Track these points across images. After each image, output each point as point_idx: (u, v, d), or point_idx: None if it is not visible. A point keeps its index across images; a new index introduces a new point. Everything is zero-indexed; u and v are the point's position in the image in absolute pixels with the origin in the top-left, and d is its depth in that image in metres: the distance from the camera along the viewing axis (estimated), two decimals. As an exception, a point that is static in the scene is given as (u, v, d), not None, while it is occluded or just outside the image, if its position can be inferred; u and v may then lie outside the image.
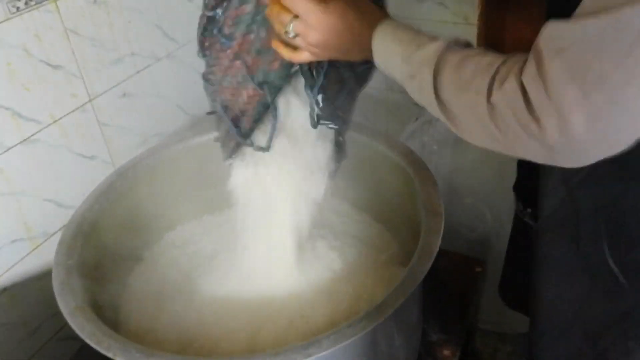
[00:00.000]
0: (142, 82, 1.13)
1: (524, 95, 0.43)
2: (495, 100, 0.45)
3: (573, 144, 0.42)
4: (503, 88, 0.45)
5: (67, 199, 1.01)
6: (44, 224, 0.98)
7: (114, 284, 0.88)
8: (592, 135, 0.41)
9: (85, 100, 1.02)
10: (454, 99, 0.50)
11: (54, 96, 0.95)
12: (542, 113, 0.42)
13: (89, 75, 1.01)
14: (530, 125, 0.43)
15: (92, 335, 0.67)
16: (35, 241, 0.98)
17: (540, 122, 0.42)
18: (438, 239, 0.74)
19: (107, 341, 0.66)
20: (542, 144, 0.43)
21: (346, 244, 0.93)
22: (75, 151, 1.02)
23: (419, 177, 0.86)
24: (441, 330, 0.97)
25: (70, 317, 0.70)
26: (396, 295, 0.68)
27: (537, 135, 0.43)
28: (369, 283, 0.86)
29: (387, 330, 0.74)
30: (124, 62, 1.08)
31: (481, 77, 0.47)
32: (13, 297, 0.95)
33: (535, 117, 0.42)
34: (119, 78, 1.08)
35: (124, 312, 0.87)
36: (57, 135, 0.97)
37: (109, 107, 1.07)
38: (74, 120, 1.00)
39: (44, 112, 0.94)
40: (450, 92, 0.51)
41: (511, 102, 0.44)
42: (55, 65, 0.94)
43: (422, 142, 1.23)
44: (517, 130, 0.44)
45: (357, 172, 1.02)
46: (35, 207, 0.96)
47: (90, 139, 1.04)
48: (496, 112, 0.46)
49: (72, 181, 1.01)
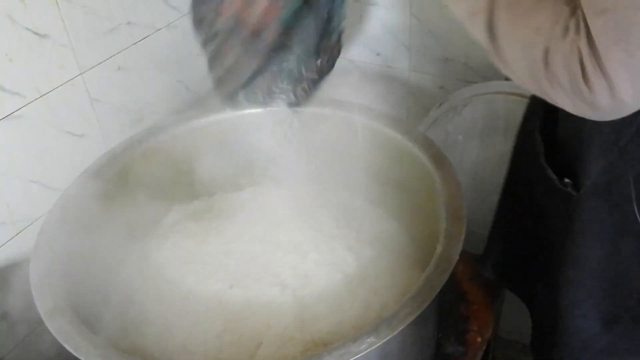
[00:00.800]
0: (139, 54, 1.10)
1: (580, 54, 0.45)
2: (553, 47, 0.47)
3: (621, 106, 0.46)
4: (564, 40, 0.46)
5: (55, 180, 0.99)
6: (29, 207, 0.97)
7: (99, 280, 0.86)
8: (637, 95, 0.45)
9: (76, 73, 0.99)
10: (508, 30, 0.52)
11: (40, 68, 0.92)
12: (592, 76, 0.45)
13: (79, 45, 0.98)
14: (580, 86, 0.46)
15: (70, 339, 0.65)
16: (19, 225, 0.96)
17: (590, 84, 0.45)
18: (459, 246, 0.71)
19: (86, 347, 0.64)
20: (590, 104, 0.47)
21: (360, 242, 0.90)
22: (64, 129, 0.99)
23: (440, 175, 0.83)
24: (457, 341, 0.94)
25: (48, 318, 0.68)
26: (409, 308, 0.65)
27: (587, 97, 0.47)
28: (380, 288, 0.83)
29: (397, 345, 0.71)
30: (119, 31, 1.05)
31: (542, 14, 0.49)
32: (-5, 284, 0.94)
33: (585, 79, 0.45)
34: (113, 50, 1.05)
35: (109, 312, 0.85)
36: (43, 111, 0.95)
37: (101, 82, 1.04)
38: (62, 95, 0.97)
39: (29, 85, 0.91)
40: (504, 20, 0.52)
41: (567, 58, 0.46)
42: (42, 34, 0.91)
43: (446, 131, 1.19)
44: (567, 87, 0.48)
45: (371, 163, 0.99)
46: (19, 189, 0.94)
47: (80, 116, 1.02)
48: (550, 59, 0.48)
49: (59, 161, 0.99)
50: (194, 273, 0.85)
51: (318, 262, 0.85)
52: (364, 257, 0.87)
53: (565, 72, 0.47)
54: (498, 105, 1.12)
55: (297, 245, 0.87)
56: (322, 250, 0.86)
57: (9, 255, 0.95)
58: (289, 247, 0.87)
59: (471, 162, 1.19)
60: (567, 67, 0.47)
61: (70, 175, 0.91)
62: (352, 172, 1.04)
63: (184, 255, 0.89)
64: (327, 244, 0.87)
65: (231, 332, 0.78)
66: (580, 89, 0.46)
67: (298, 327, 0.76)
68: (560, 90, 0.49)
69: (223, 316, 0.79)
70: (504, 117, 1.12)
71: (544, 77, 0.49)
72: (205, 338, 0.78)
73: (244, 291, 0.82)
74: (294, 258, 0.85)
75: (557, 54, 0.47)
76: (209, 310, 0.80)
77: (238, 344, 0.76)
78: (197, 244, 0.90)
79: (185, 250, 0.90)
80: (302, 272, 0.84)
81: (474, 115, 1.15)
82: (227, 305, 0.80)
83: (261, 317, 0.78)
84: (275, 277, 0.83)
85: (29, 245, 0.94)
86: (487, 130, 1.15)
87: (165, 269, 0.87)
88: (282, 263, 0.85)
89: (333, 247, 0.87)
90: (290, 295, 0.80)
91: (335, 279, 0.82)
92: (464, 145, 1.19)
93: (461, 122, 1.18)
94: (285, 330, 0.76)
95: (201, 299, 0.82)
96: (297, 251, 0.86)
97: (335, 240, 0.88)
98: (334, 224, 0.91)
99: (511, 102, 1.10)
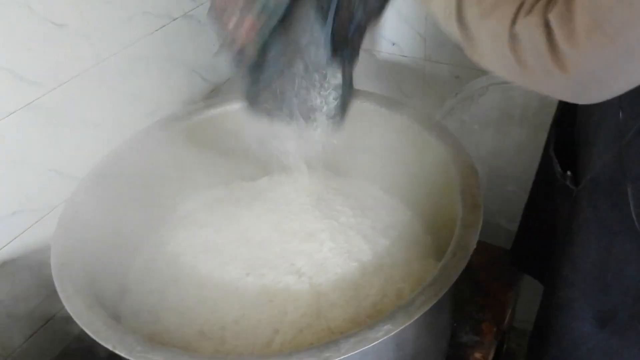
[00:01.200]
0: (155, 44, 1.10)
1: (547, 32, 0.44)
2: (518, 30, 0.47)
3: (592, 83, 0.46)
4: (527, 20, 0.46)
5: (72, 169, 1.00)
6: (47, 195, 0.97)
7: (117, 266, 0.87)
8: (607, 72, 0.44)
9: (92, 63, 0.99)
10: (477, 24, 0.52)
11: (58, 58, 0.93)
12: (565, 53, 0.44)
13: (97, 35, 0.98)
14: (549, 63, 0.45)
15: (90, 324, 0.66)
16: (37, 214, 0.97)
17: (561, 62, 0.44)
18: (476, 235, 0.71)
19: (106, 331, 0.65)
20: (560, 81, 0.46)
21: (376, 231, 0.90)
22: (81, 118, 1.00)
23: (457, 163, 0.83)
24: (473, 331, 0.94)
25: (68, 302, 0.69)
26: (426, 296, 0.65)
27: (557, 73, 0.45)
28: (396, 277, 0.83)
29: (413, 333, 0.71)
30: (136, 21, 1.05)
31: (506, 4, 0.48)
32: (12, 273, 0.95)
33: (557, 57, 0.44)
34: (130, 39, 1.05)
35: (128, 298, 0.86)
36: (61, 100, 0.95)
37: (118, 71, 1.04)
38: (79, 84, 0.97)
39: (47, 74, 0.92)
40: (473, 15, 0.52)
41: (534, 36, 0.45)
42: (60, 24, 0.92)
43: (462, 120, 1.19)
44: (536, 65, 0.47)
45: (387, 152, 0.99)
46: (37, 178, 0.95)
47: (97, 106, 1.02)
48: (517, 42, 0.47)
49: (76, 150, 1.00)
50: (211, 261, 0.86)
51: (334, 251, 0.85)
52: (379, 246, 0.87)
53: (530, 44, 0.46)
54: (514, 95, 1.11)
55: (313, 233, 0.87)
56: (337, 239, 0.86)
57: (27, 243, 0.96)
58: (305, 236, 0.87)
59: (487, 152, 1.18)
60: (533, 39, 0.46)
61: (87, 164, 0.92)
62: (368, 162, 1.04)
63: (200, 244, 0.90)
64: (342, 233, 0.87)
65: (248, 318, 0.78)
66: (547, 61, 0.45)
67: (314, 314, 0.77)
68: (529, 66, 0.47)
69: (240, 303, 0.80)
70: (520, 106, 1.12)
71: (510, 53, 0.48)
72: (222, 324, 0.78)
73: (260, 279, 0.82)
74: (309, 246, 0.85)
75: (521, 29, 0.47)
76: (226, 297, 0.81)
77: (255, 331, 0.77)
78: (214, 232, 0.91)
79: (202, 239, 0.90)
80: (318, 261, 0.84)
81: (490, 104, 1.14)
82: (244, 293, 0.81)
83: (278, 304, 0.79)
84: (291, 265, 0.83)
85: (47, 233, 0.95)
86: (503, 119, 1.14)
87: (182, 257, 0.88)
88: (298, 251, 0.85)
89: (349, 236, 0.87)
90: (307, 283, 0.80)
91: (351, 267, 0.83)
92: (480, 135, 1.18)
93: (477, 112, 1.17)
94: (301, 318, 0.77)
95: (218, 286, 0.82)
96: (313, 240, 0.86)
97: (351, 229, 0.88)
98: (349, 213, 0.91)
99: (527, 92, 1.09)
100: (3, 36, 0.84)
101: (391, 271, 0.84)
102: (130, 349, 0.63)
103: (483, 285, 1.01)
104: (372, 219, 0.92)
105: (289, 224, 0.90)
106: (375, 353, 0.67)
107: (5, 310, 0.95)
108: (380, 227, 0.91)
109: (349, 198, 0.96)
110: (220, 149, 1.02)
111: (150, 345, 0.64)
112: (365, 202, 0.97)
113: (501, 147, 1.17)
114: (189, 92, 1.22)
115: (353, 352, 0.60)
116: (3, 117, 0.87)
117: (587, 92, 0.48)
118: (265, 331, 0.77)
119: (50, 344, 1.03)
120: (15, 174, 0.91)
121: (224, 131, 0.99)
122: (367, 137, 1.02)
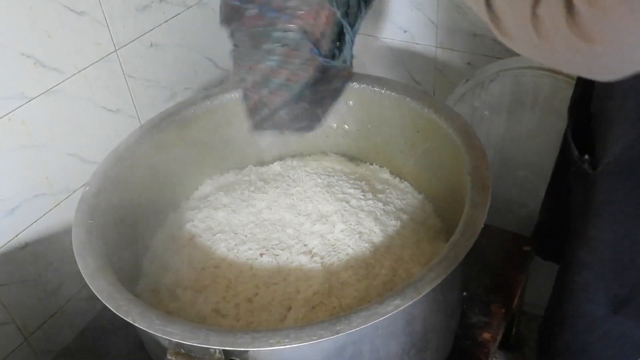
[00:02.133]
0: (171, 31, 1.13)
1: (568, 8, 0.44)
2: (540, 11, 0.46)
3: (622, 58, 0.44)
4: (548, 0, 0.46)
5: (91, 153, 1.03)
6: (67, 179, 1.01)
7: (136, 245, 0.90)
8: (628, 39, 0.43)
9: (111, 49, 1.02)
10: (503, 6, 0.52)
11: (77, 45, 0.96)
12: (589, 26, 0.43)
13: (114, 23, 1.01)
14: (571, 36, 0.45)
15: (112, 298, 0.69)
16: (58, 197, 1.00)
17: (581, 30, 0.43)
18: (484, 213, 0.73)
19: (126, 305, 0.68)
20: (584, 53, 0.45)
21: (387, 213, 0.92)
22: (100, 104, 1.03)
23: (466, 147, 0.84)
24: (482, 312, 0.96)
25: (90, 278, 0.72)
26: (435, 273, 0.67)
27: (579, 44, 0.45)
28: (406, 257, 0.85)
29: (422, 310, 0.73)
30: (152, 9, 1.08)
31: None
32: (34, 254, 0.98)
33: (578, 27, 0.44)
34: (147, 27, 1.08)
35: (145, 277, 0.89)
36: (80, 86, 0.98)
37: (135, 58, 1.07)
38: (98, 70, 1.00)
39: (67, 61, 0.95)
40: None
41: (556, 14, 0.45)
42: (79, 12, 0.95)
43: (473, 106, 1.20)
44: (558, 39, 0.46)
45: (397, 136, 1.01)
46: (58, 162, 0.99)
47: (115, 92, 1.05)
48: (540, 23, 0.47)
49: (95, 135, 1.03)
50: (226, 242, 0.88)
51: (345, 232, 0.86)
52: (390, 228, 0.89)
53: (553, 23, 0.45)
54: (525, 80, 1.12)
55: (325, 215, 0.89)
56: (349, 221, 0.88)
57: (49, 225, 1.00)
58: (317, 218, 0.89)
59: (498, 138, 1.19)
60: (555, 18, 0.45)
61: (105, 149, 0.95)
62: (379, 146, 1.06)
63: (215, 226, 0.92)
64: (354, 215, 0.89)
65: (261, 297, 0.80)
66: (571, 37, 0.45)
67: (326, 292, 0.79)
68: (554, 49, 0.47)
69: (254, 282, 0.82)
70: (532, 92, 1.12)
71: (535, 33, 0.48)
72: (236, 302, 0.81)
73: (274, 258, 0.84)
74: (322, 228, 0.87)
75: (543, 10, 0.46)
76: (240, 276, 0.83)
77: (268, 308, 0.79)
78: (229, 214, 0.93)
79: (217, 221, 0.93)
80: (330, 241, 0.86)
81: (501, 90, 1.15)
82: (258, 272, 0.83)
83: (290, 282, 0.81)
84: (304, 246, 0.86)
85: (68, 215, 0.99)
86: (514, 105, 1.15)
87: (198, 238, 0.90)
88: (310, 232, 0.87)
89: (360, 218, 0.89)
90: (319, 263, 0.82)
91: (362, 247, 0.84)
92: (491, 121, 1.19)
93: (488, 98, 1.18)
94: (313, 296, 0.79)
95: (232, 266, 0.84)
96: (325, 221, 0.88)
97: (362, 211, 0.90)
98: (360, 196, 0.93)
99: (539, 77, 1.10)
100: (25, 24, 0.87)
101: (401, 252, 0.85)
102: (149, 322, 0.66)
103: (492, 268, 1.02)
104: (383, 201, 0.94)
105: (302, 206, 0.92)
106: (385, 328, 0.69)
107: (27, 290, 0.99)
108: (391, 210, 0.92)
109: (360, 181, 0.97)
110: (235, 134, 1.04)
111: (168, 319, 0.66)
112: (376, 185, 0.99)
113: (512, 133, 1.18)
114: (204, 79, 1.24)
115: (364, 325, 0.62)
116: (24, 103, 0.90)
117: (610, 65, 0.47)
118: (279, 308, 0.79)
119: (70, 324, 1.07)
120: (36, 158, 0.95)
121: (238, 117, 1.01)
122: (378, 122, 1.04)
